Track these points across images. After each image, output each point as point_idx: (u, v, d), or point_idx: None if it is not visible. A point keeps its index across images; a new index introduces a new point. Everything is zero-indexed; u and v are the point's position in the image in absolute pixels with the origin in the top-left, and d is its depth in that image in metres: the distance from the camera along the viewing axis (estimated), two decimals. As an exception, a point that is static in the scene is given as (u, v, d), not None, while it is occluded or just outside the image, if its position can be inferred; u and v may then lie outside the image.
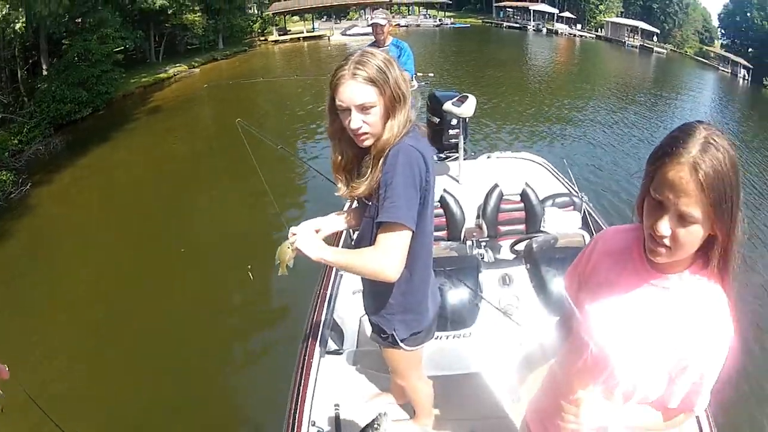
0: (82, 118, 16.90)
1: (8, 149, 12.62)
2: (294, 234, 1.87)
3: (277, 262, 1.90)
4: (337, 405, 2.82)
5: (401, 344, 2.20)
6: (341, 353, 3.27)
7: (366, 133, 1.82)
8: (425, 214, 1.93)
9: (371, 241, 1.88)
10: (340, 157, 2.00)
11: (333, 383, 2.97)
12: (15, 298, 7.01)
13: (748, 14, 63.22)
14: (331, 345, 3.30)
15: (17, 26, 13.78)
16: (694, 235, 1.16)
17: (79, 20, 18.04)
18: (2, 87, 14.89)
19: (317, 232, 2.04)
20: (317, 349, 3.11)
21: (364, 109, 1.77)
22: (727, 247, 1.21)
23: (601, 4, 70.12)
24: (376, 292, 2.15)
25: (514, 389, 2.84)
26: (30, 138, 14.00)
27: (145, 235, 8.38)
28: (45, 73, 17.02)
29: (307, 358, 3.03)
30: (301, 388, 2.82)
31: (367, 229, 1.99)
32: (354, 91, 1.74)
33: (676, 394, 1.34)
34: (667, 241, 1.18)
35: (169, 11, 25.35)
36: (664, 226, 1.16)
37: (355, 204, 2.29)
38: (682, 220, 1.15)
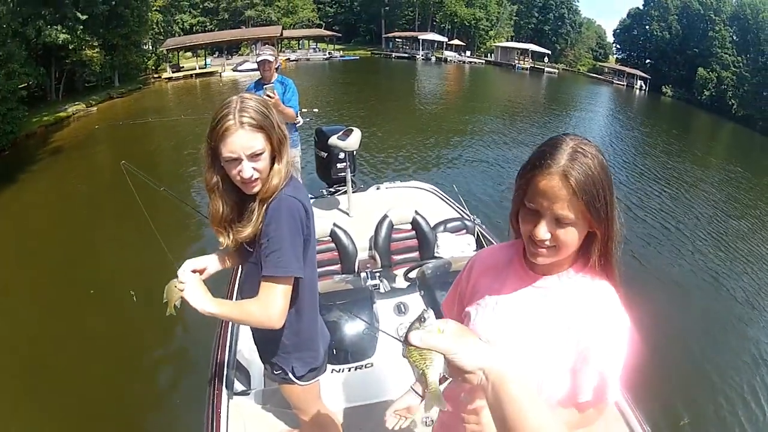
0: None
1: None
2: (182, 281, 1.82)
3: (165, 300, 1.84)
4: None
5: (297, 381, 2.25)
6: (248, 393, 3.25)
7: (257, 180, 1.82)
8: (308, 257, 1.99)
9: (258, 285, 1.90)
10: (221, 210, 1.96)
11: (244, 424, 2.93)
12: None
13: (647, 26, 66.21)
14: (238, 386, 3.25)
15: None
16: (572, 234, 1.25)
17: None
18: None
19: (202, 271, 2.00)
20: (224, 390, 3.04)
21: (254, 156, 1.78)
22: (606, 243, 1.30)
23: (491, 29, 71.51)
24: (269, 337, 2.16)
25: (421, 413, 2.79)
26: None
27: (56, 276, 8.23)
28: None
29: (215, 400, 2.96)
30: (214, 430, 2.76)
31: (252, 273, 2.00)
32: (244, 139, 1.74)
33: (585, 387, 1.34)
34: (548, 243, 1.26)
35: (71, 46, 25.20)
36: (543, 231, 1.24)
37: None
38: (559, 222, 1.24)
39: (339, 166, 6.13)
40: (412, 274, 4.12)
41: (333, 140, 5.48)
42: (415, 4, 69.28)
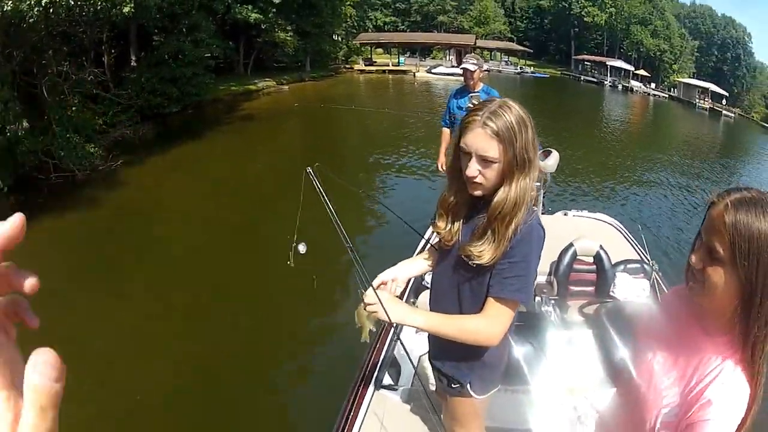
0: (170, 113, 16.89)
1: (92, 127, 12.37)
2: (370, 304, 1.80)
3: (358, 326, 1.89)
4: None
5: (472, 393, 2.16)
6: (396, 389, 3.25)
7: (479, 184, 1.75)
8: None
9: (471, 304, 1.88)
10: (452, 198, 1.92)
11: (383, 419, 2.94)
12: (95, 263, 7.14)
13: None
14: (387, 380, 3.29)
15: (125, 9, 12.92)
16: (719, 276, 1.20)
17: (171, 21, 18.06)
18: (87, 67, 14.13)
19: (393, 281, 2.05)
20: (372, 381, 3.10)
21: (484, 160, 1.71)
22: (749, 308, 1.22)
23: (675, 63, 71.72)
24: (460, 352, 2.05)
25: None
26: (114, 121, 13.87)
27: (221, 243, 8.13)
28: (133, 64, 16.75)
29: (360, 389, 3.03)
30: (349, 418, 2.80)
31: (466, 291, 1.92)
32: (479, 139, 1.69)
33: None
34: (698, 275, 1.24)
35: (262, 26, 25.48)
36: (695, 258, 1.23)
37: (431, 250, 2.25)
38: (710, 255, 1.19)
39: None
40: (588, 310, 4.12)
41: None
42: (604, 29, 69.30)
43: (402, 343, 3.25)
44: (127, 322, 5.75)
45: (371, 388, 3.04)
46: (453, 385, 2.14)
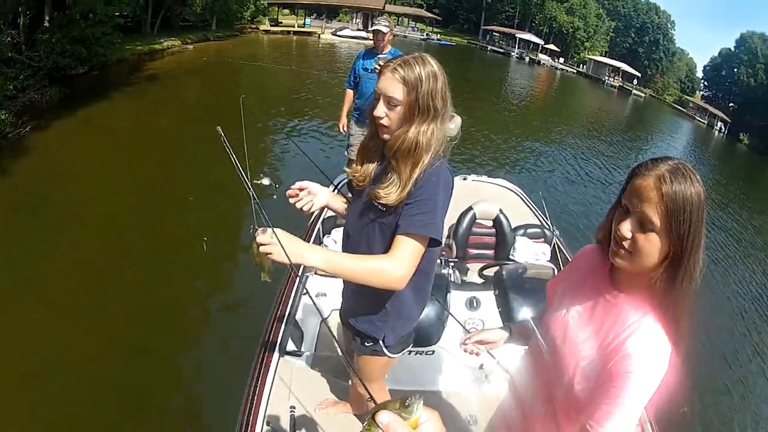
0: (77, 75, 16.64)
1: (4, 93, 12.36)
2: (262, 242, 1.60)
3: (255, 265, 1.65)
4: (293, 407, 2.77)
5: (387, 352, 2.21)
6: (300, 355, 3.25)
7: (384, 126, 1.89)
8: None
9: (380, 245, 1.92)
10: (367, 141, 2.06)
11: (290, 385, 2.91)
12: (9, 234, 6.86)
13: (735, 70, 65.94)
14: (291, 346, 3.25)
15: None
16: (651, 243, 1.27)
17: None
18: (5, 30, 14.30)
19: (310, 193, 2.08)
20: (277, 347, 3.04)
21: (389, 102, 1.85)
22: (677, 268, 1.28)
23: (587, 41, 72.44)
24: (373, 298, 2.08)
25: (471, 409, 3.10)
26: (25, 85, 13.73)
27: (128, 205, 8.01)
28: (46, 24, 16.50)
29: (265, 357, 2.97)
30: (258, 386, 2.76)
31: (372, 232, 1.97)
32: (387, 83, 1.83)
33: (593, 411, 1.33)
34: (627, 245, 1.31)
35: None
36: (626, 228, 1.30)
37: (347, 195, 2.30)
38: (642, 225, 1.27)
39: None
40: (488, 272, 4.16)
41: None
42: (517, 2, 69.38)
43: (302, 308, 3.41)
44: (34, 291, 5.64)
45: (276, 355, 2.99)
46: (366, 343, 2.20)
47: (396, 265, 1.77)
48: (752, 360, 7.92)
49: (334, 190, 2.61)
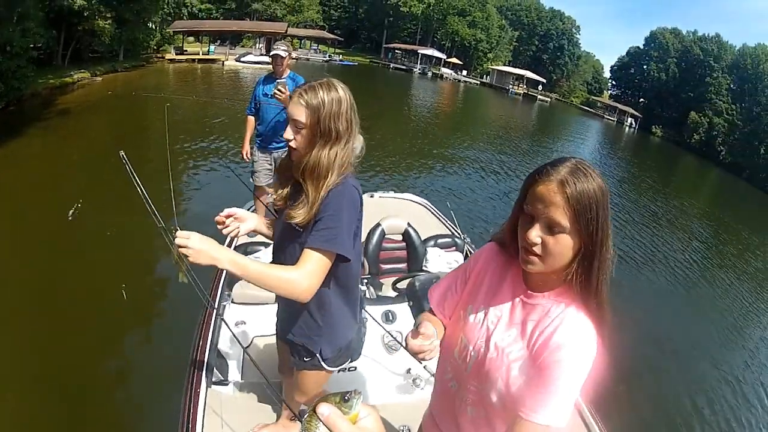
0: None
1: None
2: (181, 245, 1.71)
3: (174, 265, 1.74)
4: None
5: (324, 364, 2.30)
6: (227, 384, 3.30)
7: (293, 148, 2.03)
8: (356, 247, 2.08)
9: (295, 256, 1.98)
10: (284, 165, 2.22)
11: (221, 414, 2.95)
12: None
13: (645, 66, 68.90)
14: (217, 375, 3.28)
15: None
16: (562, 244, 1.31)
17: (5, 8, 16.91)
18: None
19: (237, 219, 2.17)
20: (203, 379, 3.00)
21: (295, 125, 1.99)
22: (591, 262, 1.33)
23: (490, 52, 73.54)
24: (302, 316, 2.23)
25: (403, 419, 3.08)
26: None
27: (39, 244, 7.72)
28: None
29: (194, 387, 2.93)
30: (191, 417, 2.74)
31: (295, 250, 2.03)
32: (293, 107, 1.99)
33: (527, 401, 1.36)
34: (537, 250, 1.33)
35: (85, 13, 24.71)
36: (534, 234, 1.32)
37: (269, 217, 2.44)
38: (551, 229, 1.31)
39: None
40: (401, 285, 4.19)
41: None
42: (419, 19, 70.53)
43: (224, 337, 3.42)
44: None
45: (203, 386, 2.95)
46: (305, 358, 2.31)
47: (301, 276, 1.87)
48: (683, 337, 8.77)
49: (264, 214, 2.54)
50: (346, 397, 0.93)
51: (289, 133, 2.01)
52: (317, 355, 2.29)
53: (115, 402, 4.82)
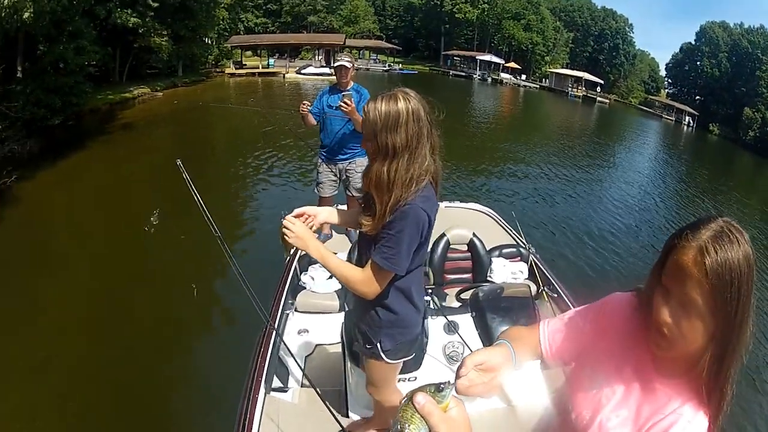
0: (53, 126, 16.78)
1: None
2: (285, 228, 2.03)
3: (281, 243, 2.07)
4: None
5: (383, 355, 2.37)
6: (286, 391, 3.29)
7: (371, 157, 2.09)
8: (420, 254, 2.18)
9: (364, 259, 2.14)
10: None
11: (277, 421, 2.94)
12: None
13: (698, 62, 66.60)
14: (276, 382, 3.33)
15: (25, 15, 12.74)
16: (694, 327, 1.12)
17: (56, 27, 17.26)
18: None
19: (309, 217, 2.23)
20: (262, 385, 3.05)
21: (364, 136, 2.08)
22: (722, 357, 1.13)
23: (547, 55, 73.12)
24: (368, 309, 2.32)
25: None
26: (4, 137, 13.69)
27: (102, 256, 8.05)
28: (19, 75, 16.45)
29: (252, 393, 2.98)
30: (247, 422, 2.78)
31: (364, 246, 2.21)
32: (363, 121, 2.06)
33: None
34: (668, 330, 1.16)
35: (140, 30, 25.18)
36: (666, 313, 1.15)
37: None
38: (683, 308, 1.12)
39: None
40: (465, 295, 4.24)
41: None
42: (475, 25, 70.10)
43: (285, 344, 3.39)
44: (26, 337, 5.83)
45: (262, 391, 2.99)
46: (368, 346, 2.37)
47: (363, 281, 2.07)
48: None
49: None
50: (441, 387, 0.98)
51: (364, 141, 2.07)
52: (377, 345, 2.32)
53: (173, 401, 5.04)
